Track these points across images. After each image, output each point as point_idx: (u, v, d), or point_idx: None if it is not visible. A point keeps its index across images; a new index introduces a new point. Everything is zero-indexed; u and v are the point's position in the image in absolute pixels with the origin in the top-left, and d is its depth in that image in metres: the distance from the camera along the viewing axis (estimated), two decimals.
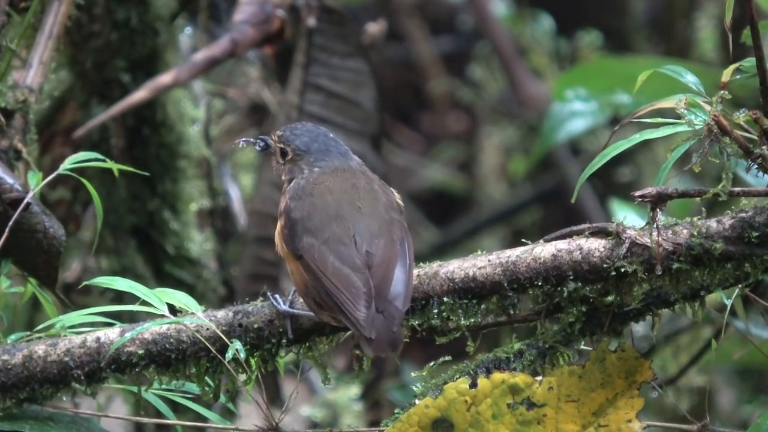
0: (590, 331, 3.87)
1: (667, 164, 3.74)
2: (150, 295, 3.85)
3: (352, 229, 3.82)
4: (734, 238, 3.73)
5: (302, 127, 4.04)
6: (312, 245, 3.80)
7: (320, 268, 3.76)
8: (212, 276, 5.61)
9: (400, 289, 3.77)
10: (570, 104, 6.26)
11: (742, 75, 3.83)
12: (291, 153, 4.00)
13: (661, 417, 6.07)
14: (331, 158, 3.98)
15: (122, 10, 5.32)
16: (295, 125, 4.05)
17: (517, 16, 8.39)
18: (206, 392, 3.93)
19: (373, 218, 3.85)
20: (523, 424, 3.77)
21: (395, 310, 3.73)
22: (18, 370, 3.89)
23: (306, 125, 4.05)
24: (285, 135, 4.03)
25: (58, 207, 5.44)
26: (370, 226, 3.83)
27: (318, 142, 4.00)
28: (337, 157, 3.99)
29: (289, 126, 4.05)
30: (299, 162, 3.99)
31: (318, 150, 3.99)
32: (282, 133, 4.03)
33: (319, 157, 3.98)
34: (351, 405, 6.33)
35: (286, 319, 3.89)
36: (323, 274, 3.75)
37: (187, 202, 5.54)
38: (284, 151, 4.02)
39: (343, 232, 3.81)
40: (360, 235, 3.81)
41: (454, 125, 9.17)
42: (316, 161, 3.97)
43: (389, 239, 3.82)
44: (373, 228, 3.83)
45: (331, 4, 5.45)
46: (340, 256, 3.78)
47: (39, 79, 4.62)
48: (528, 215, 8.49)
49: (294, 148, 4.00)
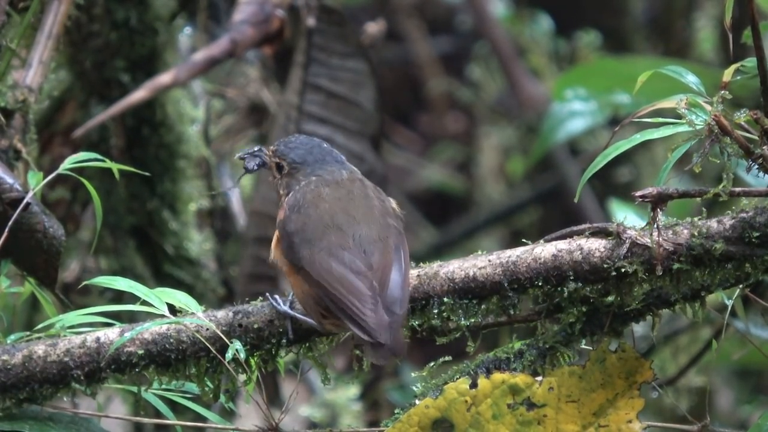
0: (590, 332, 3.87)
1: (668, 164, 3.74)
2: (150, 295, 3.85)
3: (350, 236, 3.82)
4: (735, 239, 3.73)
5: (296, 140, 4.04)
6: (312, 255, 3.80)
7: (323, 276, 3.76)
8: (211, 276, 5.61)
9: (397, 293, 3.77)
10: (569, 104, 6.26)
11: (742, 75, 3.83)
12: (287, 167, 4.00)
13: (661, 417, 6.07)
14: (327, 168, 3.98)
15: (122, 10, 5.32)
16: (289, 139, 4.05)
17: (515, 17, 8.39)
18: (206, 392, 3.93)
19: (369, 225, 3.85)
20: (524, 424, 3.77)
21: (393, 315, 3.73)
22: (18, 370, 3.88)
23: (299, 137, 4.05)
24: (280, 149, 4.03)
25: (58, 207, 5.43)
26: (367, 232, 3.84)
27: (313, 154, 4.00)
28: (334, 165, 3.99)
29: (283, 140, 4.05)
30: (296, 174, 3.98)
31: (314, 161, 3.99)
32: (276, 148, 4.03)
33: (316, 168, 3.98)
34: (350, 405, 6.33)
35: (287, 319, 3.89)
36: (327, 281, 3.76)
37: (187, 202, 5.54)
38: (280, 166, 4.02)
39: (342, 239, 3.82)
40: (358, 241, 3.81)
41: (453, 125, 9.18)
42: (312, 172, 3.97)
43: (385, 245, 3.83)
44: (370, 234, 3.83)
45: (330, 4, 5.45)
46: (342, 261, 3.78)
47: (38, 79, 4.62)
48: (526, 215, 8.49)
49: (290, 162, 4.00)
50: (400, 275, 3.80)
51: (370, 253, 3.80)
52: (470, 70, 8.81)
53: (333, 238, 3.82)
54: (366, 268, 3.77)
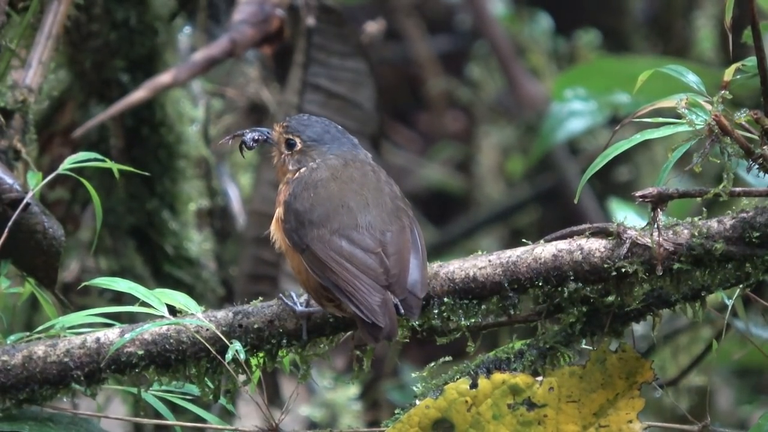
0: (591, 332, 3.87)
1: (668, 164, 3.74)
2: (149, 295, 3.84)
3: (362, 217, 3.81)
4: (735, 239, 3.73)
5: (308, 118, 4.02)
6: (322, 235, 3.78)
7: (332, 255, 3.74)
8: (211, 276, 5.60)
9: (417, 276, 3.77)
10: (569, 104, 6.27)
11: (742, 75, 3.83)
12: (300, 143, 3.97)
13: (661, 417, 6.07)
14: (343, 149, 3.96)
15: (121, 10, 5.32)
16: (302, 116, 4.03)
17: (515, 16, 8.39)
18: (206, 393, 3.92)
19: (381, 208, 3.84)
20: (524, 424, 3.76)
21: (413, 299, 3.73)
22: (17, 371, 3.88)
23: (311, 116, 4.02)
24: (292, 125, 3.99)
25: (57, 207, 5.43)
26: (380, 215, 3.83)
27: (330, 133, 3.98)
28: (349, 146, 3.97)
29: (295, 117, 4.02)
30: (310, 152, 3.95)
31: (331, 140, 3.97)
32: (289, 124, 4.00)
33: (333, 147, 3.96)
34: (350, 405, 6.33)
35: (303, 319, 3.88)
36: (335, 260, 3.74)
37: (186, 202, 5.54)
38: (292, 142, 3.99)
39: (353, 220, 3.80)
40: (371, 224, 3.80)
41: (452, 125, 9.17)
42: (328, 151, 3.95)
43: (400, 227, 3.82)
44: (383, 217, 3.82)
45: (329, 4, 5.45)
46: (353, 241, 3.77)
47: (38, 79, 4.62)
48: (526, 215, 8.49)
49: (305, 139, 3.97)
50: (418, 257, 3.79)
51: (383, 235, 3.79)
52: (470, 70, 8.81)
53: (345, 218, 3.80)
54: (377, 247, 3.76)
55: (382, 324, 3.67)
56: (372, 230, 3.80)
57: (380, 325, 3.67)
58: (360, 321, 3.70)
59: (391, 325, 3.68)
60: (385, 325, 3.67)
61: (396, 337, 3.71)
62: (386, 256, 3.76)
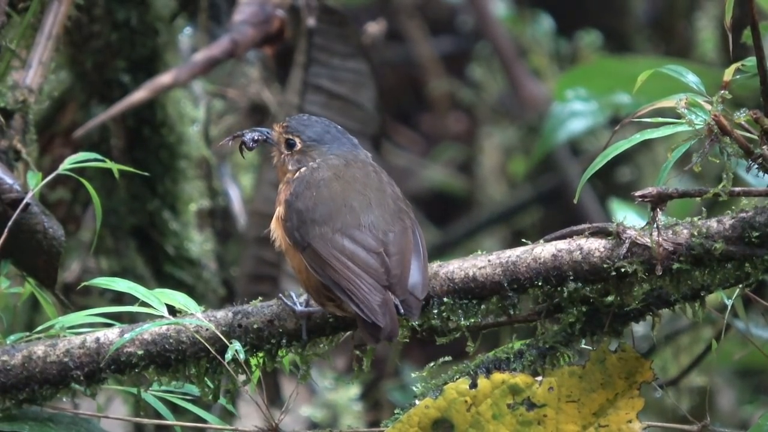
0: (590, 332, 3.87)
1: (668, 164, 3.74)
2: (149, 296, 3.84)
3: (364, 217, 3.81)
4: (735, 239, 3.72)
5: (308, 118, 4.02)
6: (324, 233, 3.78)
7: (334, 254, 3.74)
8: (212, 276, 5.61)
9: (417, 278, 3.77)
10: (570, 105, 6.26)
11: (742, 75, 3.83)
12: (300, 143, 3.98)
13: (661, 417, 6.06)
14: (343, 149, 3.96)
15: (122, 10, 5.32)
16: (301, 116, 4.03)
17: (517, 17, 8.39)
18: (206, 393, 3.92)
19: (384, 208, 3.85)
20: (524, 424, 3.76)
21: (414, 300, 3.74)
22: (17, 371, 3.88)
23: (311, 116, 4.03)
24: (292, 125, 4.00)
25: (58, 207, 5.43)
26: (383, 215, 3.83)
27: (330, 134, 3.98)
28: (349, 147, 3.98)
29: (295, 117, 4.03)
30: (310, 152, 3.96)
31: (331, 140, 3.97)
32: (288, 124, 4.00)
33: (333, 147, 3.96)
34: (351, 405, 6.33)
35: (303, 319, 3.88)
36: (337, 258, 3.74)
37: (187, 202, 5.54)
38: (292, 142, 3.99)
39: (355, 220, 3.81)
40: (373, 224, 3.80)
41: (454, 126, 9.17)
42: (328, 151, 3.95)
43: (402, 228, 3.83)
44: (385, 218, 3.83)
45: (331, 5, 5.45)
46: (354, 240, 3.77)
47: (38, 80, 4.62)
48: (528, 216, 8.49)
49: (305, 139, 3.97)
50: (419, 258, 3.80)
51: (385, 235, 3.79)
52: (472, 71, 8.81)
53: (347, 217, 3.81)
54: (379, 247, 3.76)
55: (382, 324, 3.67)
56: (374, 230, 3.80)
57: (380, 324, 3.67)
58: (360, 320, 3.71)
59: (392, 325, 3.68)
60: (386, 325, 3.68)
61: (396, 337, 3.71)
62: (388, 257, 3.76)
